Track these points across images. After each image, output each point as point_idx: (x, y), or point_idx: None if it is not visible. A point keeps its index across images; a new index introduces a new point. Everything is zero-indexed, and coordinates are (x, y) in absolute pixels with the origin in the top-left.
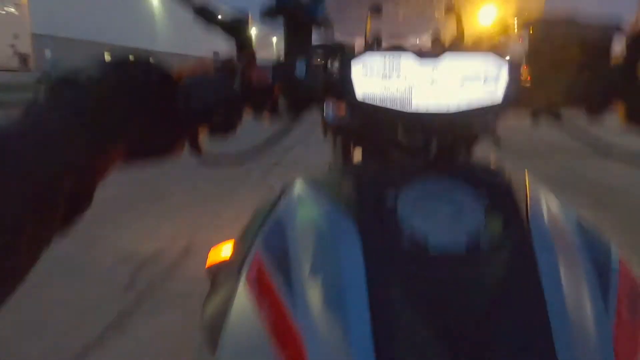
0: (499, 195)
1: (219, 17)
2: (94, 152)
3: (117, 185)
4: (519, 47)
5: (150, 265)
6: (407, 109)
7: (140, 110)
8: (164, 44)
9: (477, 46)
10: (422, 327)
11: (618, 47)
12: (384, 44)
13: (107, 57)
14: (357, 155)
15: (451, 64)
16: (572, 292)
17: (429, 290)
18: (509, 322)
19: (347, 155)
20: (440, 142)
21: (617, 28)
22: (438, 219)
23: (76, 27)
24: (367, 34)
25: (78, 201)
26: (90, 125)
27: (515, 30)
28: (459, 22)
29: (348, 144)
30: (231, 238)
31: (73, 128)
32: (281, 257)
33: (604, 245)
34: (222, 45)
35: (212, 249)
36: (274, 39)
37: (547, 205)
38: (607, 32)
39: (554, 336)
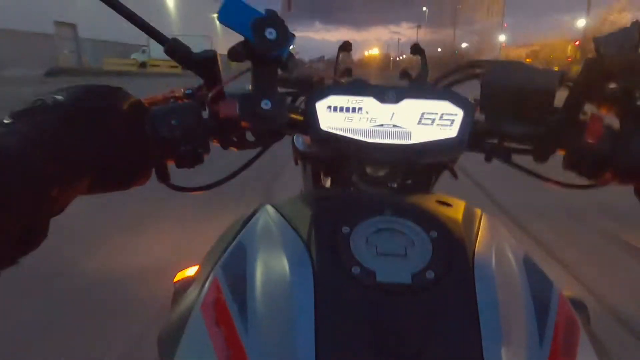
0: (449, 232)
1: (190, 55)
2: (54, 184)
3: None
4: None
5: None
6: (368, 140)
7: (107, 139)
8: None
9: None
10: (363, 354)
11: (562, 96)
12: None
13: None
14: (327, 183)
15: (410, 106)
16: (508, 326)
17: (372, 318)
18: (444, 353)
19: (317, 183)
20: (400, 173)
21: (562, 77)
22: (387, 251)
23: None
24: (336, 68)
25: (32, 233)
26: (53, 155)
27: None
28: (423, 59)
29: (318, 173)
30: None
31: (33, 157)
32: (238, 282)
33: (545, 283)
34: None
35: (178, 273)
36: None
37: (496, 242)
38: (552, 79)
39: None
